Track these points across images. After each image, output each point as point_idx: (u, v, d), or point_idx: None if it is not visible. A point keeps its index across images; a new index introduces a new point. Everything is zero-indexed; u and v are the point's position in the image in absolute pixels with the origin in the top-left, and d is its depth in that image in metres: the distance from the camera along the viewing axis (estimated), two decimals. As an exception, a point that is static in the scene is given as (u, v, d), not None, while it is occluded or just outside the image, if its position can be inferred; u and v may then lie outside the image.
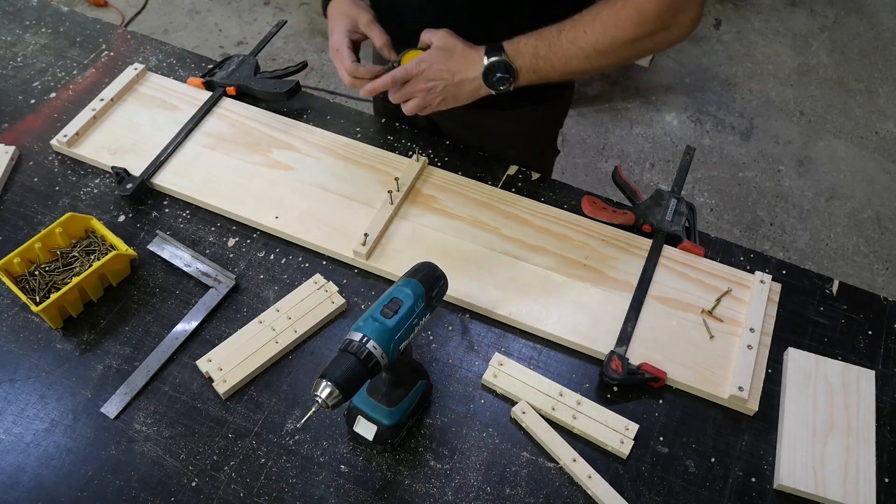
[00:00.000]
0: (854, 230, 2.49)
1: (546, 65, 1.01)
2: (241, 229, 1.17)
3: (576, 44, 0.99)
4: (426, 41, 1.07)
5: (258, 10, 3.15)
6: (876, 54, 3.06)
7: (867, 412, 0.98)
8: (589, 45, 0.98)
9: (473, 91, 1.05)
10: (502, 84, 1.03)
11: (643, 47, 0.99)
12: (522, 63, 1.01)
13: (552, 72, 1.02)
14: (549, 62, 1.01)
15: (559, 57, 1.00)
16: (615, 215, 1.17)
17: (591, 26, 0.98)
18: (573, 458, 0.94)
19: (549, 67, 1.01)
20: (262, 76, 1.34)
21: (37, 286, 1.04)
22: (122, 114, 1.30)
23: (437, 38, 1.05)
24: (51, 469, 0.93)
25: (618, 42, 0.97)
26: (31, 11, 1.49)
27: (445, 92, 1.06)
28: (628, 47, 0.98)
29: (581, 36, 0.99)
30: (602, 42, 0.98)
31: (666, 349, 1.04)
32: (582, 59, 1.00)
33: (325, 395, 0.77)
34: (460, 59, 1.04)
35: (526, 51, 1.01)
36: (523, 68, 1.02)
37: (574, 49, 0.99)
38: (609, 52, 0.98)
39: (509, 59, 1.01)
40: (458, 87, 1.05)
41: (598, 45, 0.98)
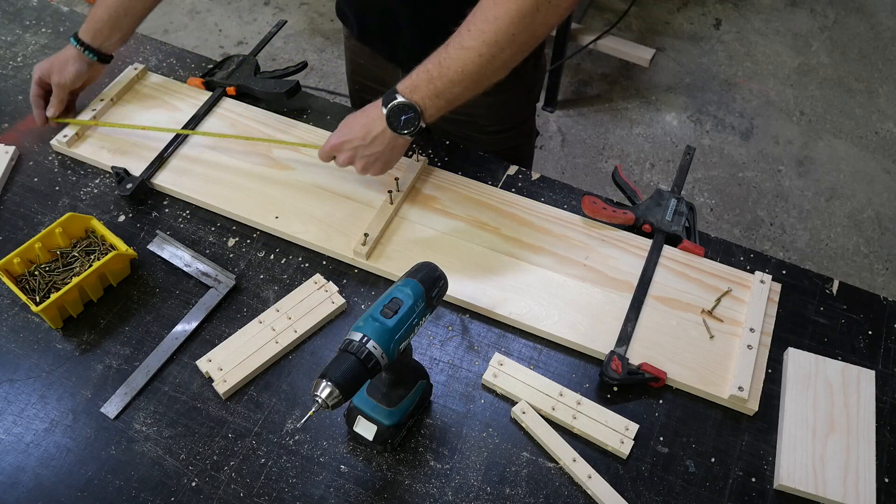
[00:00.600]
0: (854, 230, 2.49)
1: (444, 84, 0.96)
2: (241, 229, 1.17)
3: (464, 46, 0.94)
4: None
5: (258, 10, 3.15)
6: (876, 54, 3.06)
7: (867, 412, 0.98)
8: (477, 41, 0.93)
9: (391, 142, 1.03)
10: (410, 125, 1.00)
11: (534, 23, 0.92)
12: (421, 94, 0.98)
13: (455, 86, 0.97)
14: (445, 79, 0.96)
15: (454, 69, 0.95)
16: (615, 215, 1.17)
17: (473, 21, 0.94)
18: (573, 458, 0.94)
19: (449, 84, 0.96)
20: (262, 76, 1.34)
21: (37, 286, 1.04)
22: (122, 114, 1.30)
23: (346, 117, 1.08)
24: (51, 469, 0.93)
25: (504, 24, 0.91)
26: (31, 11, 1.49)
27: (368, 155, 1.05)
28: (517, 26, 0.91)
29: (466, 35, 0.94)
30: (488, 31, 0.92)
31: (666, 349, 1.04)
32: (476, 59, 0.94)
33: (325, 395, 0.77)
34: (362, 120, 1.04)
35: (420, 80, 0.98)
36: (424, 98, 0.98)
37: (464, 53, 0.94)
38: (500, 40, 0.92)
39: (406, 97, 0.98)
40: (374, 145, 1.04)
41: (485, 37, 0.92)
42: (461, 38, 0.94)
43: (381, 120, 1.01)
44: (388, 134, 1.02)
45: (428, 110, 0.99)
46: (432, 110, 0.99)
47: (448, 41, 0.96)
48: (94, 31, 1.20)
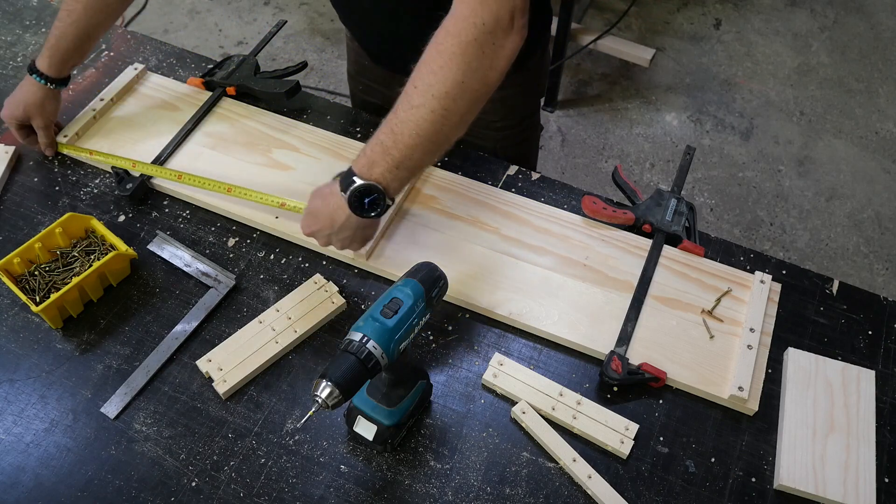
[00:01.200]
0: (854, 230, 2.49)
1: (401, 152, 0.88)
2: (241, 229, 1.17)
3: (413, 105, 0.86)
4: None
5: (258, 10, 3.15)
6: (876, 54, 3.06)
7: (867, 412, 0.98)
8: (426, 97, 0.85)
9: (359, 224, 0.96)
10: (376, 206, 0.92)
11: (482, 66, 0.85)
12: (380, 170, 0.90)
13: (413, 151, 0.89)
14: (401, 146, 0.88)
15: (407, 133, 0.87)
16: (615, 215, 1.17)
17: (418, 77, 0.87)
18: (573, 458, 0.94)
19: (406, 151, 0.88)
20: (262, 76, 1.34)
21: (37, 286, 1.04)
22: (122, 114, 1.30)
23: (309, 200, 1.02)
24: (51, 469, 0.93)
25: (450, 72, 0.84)
26: (31, 11, 1.49)
27: (342, 239, 1.00)
28: (465, 73, 0.84)
29: (413, 93, 0.86)
30: (436, 83, 0.85)
31: (666, 349, 1.04)
32: (429, 116, 0.86)
33: (325, 395, 0.77)
34: (325, 210, 0.97)
35: (375, 154, 0.90)
36: (384, 173, 0.90)
37: (415, 112, 0.86)
38: (450, 91, 0.85)
39: (364, 177, 0.90)
40: (343, 230, 0.97)
41: (434, 91, 0.85)
42: (409, 98, 0.87)
43: (344, 207, 0.93)
44: (353, 220, 0.95)
45: (391, 184, 0.91)
46: (395, 183, 0.91)
47: (396, 104, 0.89)
48: (61, 62, 1.16)
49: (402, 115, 0.88)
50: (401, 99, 0.89)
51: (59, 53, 1.16)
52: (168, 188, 1.20)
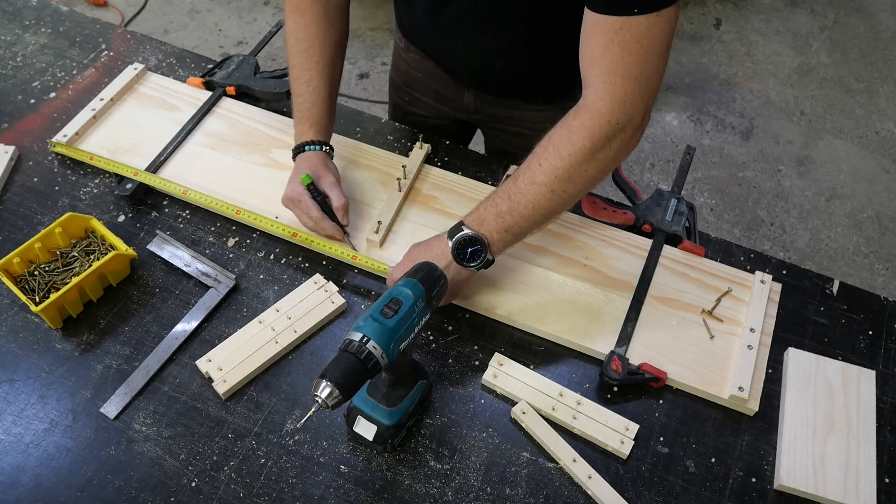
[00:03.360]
0: (854, 230, 2.49)
1: (514, 219, 0.95)
2: (241, 229, 1.17)
3: (535, 181, 0.92)
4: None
5: (258, 9, 3.15)
6: (876, 54, 3.06)
7: (867, 412, 0.98)
8: (549, 177, 0.91)
9: (456, 275, 0.99)
10: (476, 257, 0.97)
11: (605, 159, 0.91)
12: (489, 228, 0.96)
13: (524, 221, 0.95)
14: (515, 214, 0.94)
15: (524, 204, 0.93)
16: (615, 215, 1.17)
17: (545, 157, 0.92)
18: (573, 458, 0.94)
19: (518, 220, 0.95)
20: (262, 76, 1.34)
21: (37, 286, 1.04)
22: (122, 114, 1.30)
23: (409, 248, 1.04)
24: (51, 469, 0.93)
25: (576, 160, 0.90)
26: (31, 11, 1.49)
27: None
28: (590, 162, 0.90)
29: (538, 171, 0.92)
30: (561, 167, 0.90)
31: (666, 349, 1.04)
32: (548, 195, 0.92)
33: (325, 395, 0.77)
34: (427, 255, 0.99)
35: (488, 214, 0.96)
36: (492, 232, 0.96)
37: (535, 188, 0.92)
38: (571, 176, 0.91)
39: (473, 230, 0.96)
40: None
41: (557, 173, 0.91)
42: (532, 174, 0.92)
43: (447, 254, 0.97)
44: (454, 267, 0.98)
45: (495, 244, 0.97)
46: (499, 244, 0.97)
47: (517, 174, 0.94)
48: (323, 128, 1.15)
49: (523, 188, 0.93)
50: (523, 171, 0.94)
51: (318, 121, 1.14)
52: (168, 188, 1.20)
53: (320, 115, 1.14)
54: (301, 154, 1.13)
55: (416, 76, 1.35)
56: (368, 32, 3.07)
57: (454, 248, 0.97)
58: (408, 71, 1.36)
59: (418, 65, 1.32)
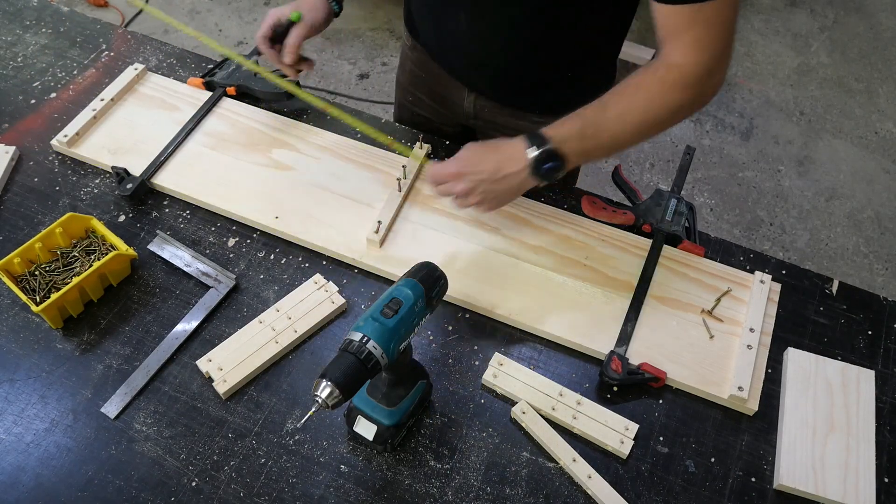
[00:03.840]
0: (854, 230, 2.49)
1: (593, 145, 0.97)
2: (241, 229, 1.17)
3: (624, 119, 0.95)
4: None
5: (258, 10, 3.15)
6: (876, 54, 3.06)
7: (867, 412, 0.98)
8: (638, 119, 0.95)
9: (520, 185, 0.99)
10: (553, 174, 0.97)
11: (685, 113, 0.96)
12: (570, 148, 0.96)
13: (599, 150, 0.99)
14: (596, 141, 0.96)
15: (607, 136, 0.96)
16: (615, 215, 1.17)
17: (637, 98, 0.94)
18: (573, 458, 0.94)
19: (596, 147, 0.97)
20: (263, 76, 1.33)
21: (37, 286, 1.04)
22: (122, 114, 1.30)
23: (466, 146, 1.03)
24: (51, 469, 0.93)
25: (666, 110, 0.94)
26: (31, 11, 1.49)
27: (489, 191, 1.00)
28: (675, 114, 0.95)
29: (629, 110, 0.95)
30: (651, 112, 0.94)
31: (666, 349, 1.04)
32: (632, 133, 0.96)
33: (325, 395, 0.77)
34: (496, 156, 0.99)
35: (571, 135, 0.96)
36: (571, 153, 0.96)
37: (622, 125, 0.95)
38: (658, 122, 0.95)
39: (556, 146, 0.95)
40: (499, 183, 0.99)
41: (647, 117, 0.94)
42: (622, 111, 0.95)
43: (522, 161, 0.96)
44: (522, 176, 0.97)
45: (569, 164, 0.97)
46: (572, 165, 0.98)
47: (605, 105, 0.95)
48: None
49: (612, 121, 0.95)
50: (613, 104, 0.96)
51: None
52: (168, 188, 1.20)
53: None
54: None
55: (421, 76, 1.35)
56: (368, 32, 3.07)
57: (535, 161, 0.96)
58: (413, 70, 1.37)
59: (423, 64, 1.32)
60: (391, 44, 3.01)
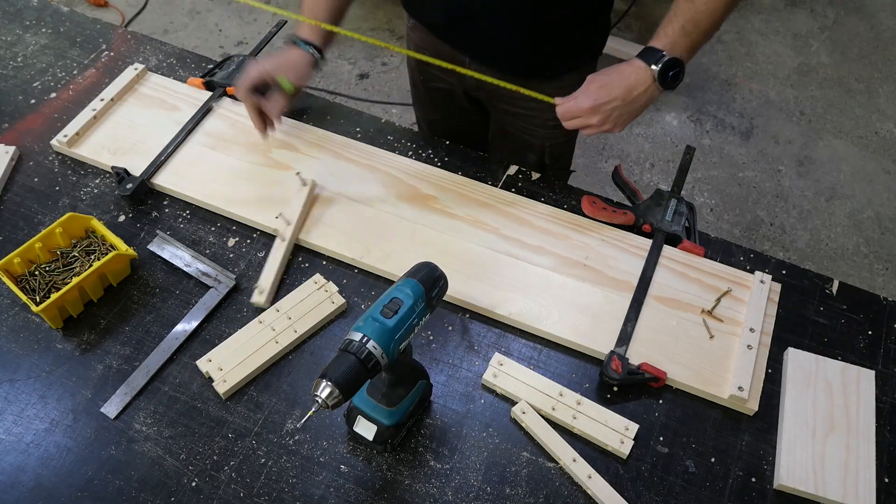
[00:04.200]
0: (854, 230, 2.49)
1: (699, 36, 1.04)
2: (241, 229, 1.17)
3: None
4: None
5: (258, 10, 3.15)
6: (876, 54, 3.06)
7: (867, 412, 0.98)
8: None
9: (649, 98, 1.07)
10: (678, 79, 1.05)
11: None
12: (681, 48, 1.04)
13: (703, 37, 1.05)
14: (700, 31, 1.04)
15: (707, 21, 1.03)
16: (615, 215, 1.17)
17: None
18: (573, 458, 0.94)
19: (702, 37, 1.05)
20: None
21: (37, 286, 1.04)
22: (122, 114, 1.30)
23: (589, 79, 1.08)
24: (51, 469, 0.93)
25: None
26: (31, 11, 1.49)
27: (625, 114, 1.07)
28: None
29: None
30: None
31: (666, 349, 1.04)
32: (722, 9, 1.02)
33: (325, 395, 0.77)
34: (623, 81, 1.05)
35: (676, 36, 1.04)
36: (683, 52, 1.05)
37: (712, 5, 1.02)
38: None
39: (671, 54, 1.03)
40: (634, 102, 1.06)
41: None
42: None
43: (647, 78, 1.05)
44: (652, 89, 1.06)
45: (685, 61, 1.06)
46: (687, 61, 1.06)
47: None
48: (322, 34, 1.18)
49: (702, 7, 1.02)
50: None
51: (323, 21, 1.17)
52: (168, 188, 1.20)
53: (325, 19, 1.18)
54: (292, 45, 1.18)
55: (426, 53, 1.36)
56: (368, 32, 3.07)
57: (661, 73, 1.04)
58: (418, 50, 1.39)
59: (425, 42, 1.35)
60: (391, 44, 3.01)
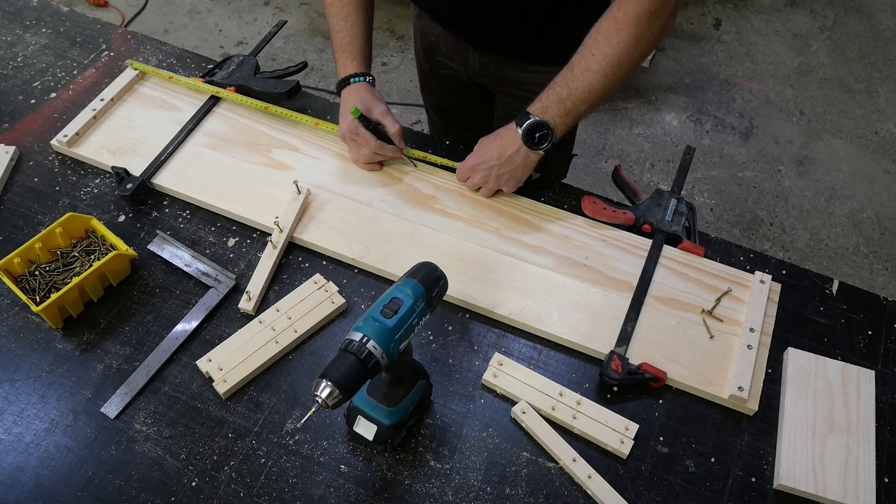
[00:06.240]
0: (854, 230, 2.49)
1: (573, 103, 1.07)
2: (241, 229, 1.17)
3: (590, 69, 1.04)
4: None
5: (258, 10, 3.15)
6: (876, 54, 3.06)
7: (867, 412, 0.98)
8: (601, 64, 1.03)
9: (524, 160, 1.12)
10: (544, 141, 1.10)
11: (648, 42, 1.02)
12: (552, 114, 1.08)
13: (582, 105, 1.07)
14: (574, 99, 1.06)
15: (581, 90, 1.05)
16: (615, 215, 1.17)
17: (596, 46, 1.03)
18: (573, 458, 0.94)
19: (577, 104, 1.07)
20: (262, 76, 1.34)
21: (37, 286, 1.04)
22: (122, 114, 1.30)
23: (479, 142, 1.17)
24: (51, 469, 0.93)
25: (624, 47, 1.01)
26: (31, 11, 1.49)
27: (502, 174, 1.14)
28: (635, 48, 1.01)
29: (591, 59, 1.03)
30: (611, 54, 1.02)
31: (666, 349, 1.04)
32: (601, 80, 1.04)
33: (325, 395, 0.77)
34: (498, 142, 1.13)
35: (550, 102, 1.08)
36: (555, 117, 1.08)
37: (590, 75, 1.04)
38: (621, 61, 1.02)
39: (539, 116, 1.08)
40: (508, 163, 1.12)
41: (609, 60, 1.02)
42: (586, 62, 1.04)
43: (516, 140, 1.10)
44: (523, 151, 1.11)
45: (558, 127, 1.09)
46: (562, 127, 1.09)
47: (572, 64, 1.06)
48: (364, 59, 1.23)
49: (579, 76, 1.05)
50: (577, 61, 1.06)
51: (359, 53, 1.22)
52: (168, 188, 1.20)
53: (360, 47, 1.22)
54: (346, 87, 1.20)
55: (431, 41, 1.40)
56: (368, 32, 3.06)
57: (524, 134, 1.09)
58: (423, 38, 1.42)
59: (431, 30, 1.36)
60: (391, 44, 3.01)
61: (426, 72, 1.50)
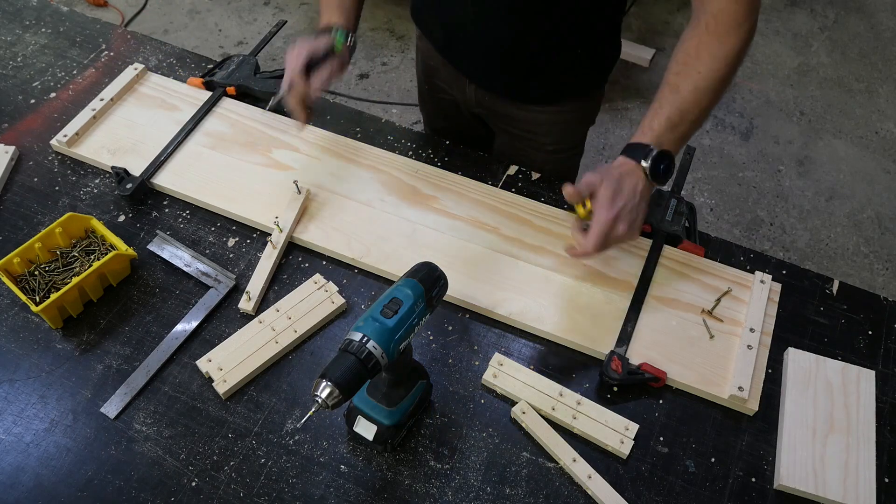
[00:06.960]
0: (854, 230, 2.49)
1: (687, 126, 1.01)
2: (241, 229, 1.17)
3: (698, 87, 0.98)
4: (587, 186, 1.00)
5: (258, 10, 3.15)
6: (876, 54, 3.06)
7: (867, 412, 0.98)
8: (709, 81, 0.98)
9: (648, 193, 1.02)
10: (669, 172, 1.02)
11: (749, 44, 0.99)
12: (668, 141, 1.00)
13: (693, 127, 1.02)
14: (687, 122, 1.00)
15: (693, 111, 1.00)
16: (615, 215, 1.16)
17: (700, 63, 0.98)
18: (573, 458, 0.94)
19: (690, 126, 1.01)
20: (262, 76, 1.34)
21: (37, 286, 1.04)
22: (122, 114, 1.30)
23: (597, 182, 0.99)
24: (51, 469, 0.93)
25: (731, 60, 0.97)
26: (31, 11, 1.49)
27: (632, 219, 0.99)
28: (740, 55, 0.98)
29: (699, 77, 0.98)
30: (718, 68, 0.98)
31: (666, 349, 1.04)
32: (711, 96, 0.99)
33: (325, 395, 0.77)
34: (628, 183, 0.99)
35: (661, 128, 1.00)
36: (671, 144, 1.01)
37: (701, 94, 0.99)
38: (727, 75, 0.98)
39: (659, 148, 0.99)
40: (643, 200, 1.00)
41: (717, 75, 0.98)
42: (694, 81, 0.98)
43: (641, 176, 0.99)
44: (646, 186, 1.01)
45: (675, 153, 1.02)
46: (676, 153, 1.03)
47: (676, 86, 0.99)
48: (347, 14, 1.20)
49: (688, 96, 0.99)
50: (682, 81, 0.99)
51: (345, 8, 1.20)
52: (168, 188, 1.20)
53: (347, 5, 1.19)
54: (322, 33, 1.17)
55: (431, 65, 1.39)
56: (368, 33, 3.07)
57: (651, 169, 0.99)
58: (424, 60, 1.41)
59: (432, 55, 1.35)
60: (391, 44, 3.01)
61: (425, 93, 1.49)
